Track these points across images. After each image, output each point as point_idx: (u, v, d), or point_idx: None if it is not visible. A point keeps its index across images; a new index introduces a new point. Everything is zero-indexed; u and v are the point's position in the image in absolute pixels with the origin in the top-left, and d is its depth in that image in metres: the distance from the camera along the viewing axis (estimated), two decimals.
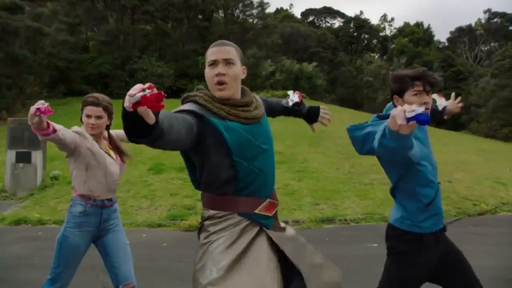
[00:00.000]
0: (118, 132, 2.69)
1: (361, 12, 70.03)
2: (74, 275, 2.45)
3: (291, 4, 69.33)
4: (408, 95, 1.90)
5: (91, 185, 2.36)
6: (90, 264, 2.71)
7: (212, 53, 1.63)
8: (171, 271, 3.86)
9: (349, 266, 3.98)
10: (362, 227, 5.67)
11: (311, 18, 45.44)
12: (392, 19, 56.52)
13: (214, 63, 1.61)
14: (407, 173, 1.87)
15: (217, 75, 1.59)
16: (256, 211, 1.60)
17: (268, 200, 1.65)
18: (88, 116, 2.39)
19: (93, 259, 2.65)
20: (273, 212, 1.68)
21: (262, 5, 30.95)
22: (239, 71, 1.64)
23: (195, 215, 5.83)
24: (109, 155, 2.46)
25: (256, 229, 1.60)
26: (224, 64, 1.61)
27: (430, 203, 1.90)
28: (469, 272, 1.95)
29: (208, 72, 1.63)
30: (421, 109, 1.28)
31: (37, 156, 6.95)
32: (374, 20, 71.38)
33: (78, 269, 2.49)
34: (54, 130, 2.13)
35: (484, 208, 6.64)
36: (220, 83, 1.59)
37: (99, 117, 2.39)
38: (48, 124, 2.09)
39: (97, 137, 2.46)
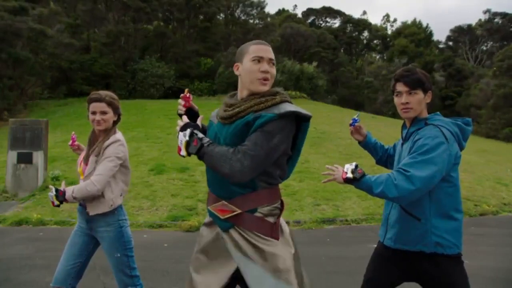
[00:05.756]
0: None
1: (364, 12, 70.04)
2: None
3: (295, 5, 69.17)
4: (394, 96, 2.01)
5: None
6: (91, 264, 2.72)
7: (259, 50, 1.70)
8: (172, 272, 3.86)
9: (350, 266, 3.98)
10: (363, 228, 5.68)
11: (311, 19, 45.35)
12: (395, 20, 56.15)
13: (259, 60, 1.69)
14: None
15: (263, 71, 1.68)
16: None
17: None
18: (94, 113, 2.43)
19: (93, 259, 2.65)
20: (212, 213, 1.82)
21: (260, 4, 30.86)
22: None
23: (196, 215, 5.84)
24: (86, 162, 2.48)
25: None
26: (269, 62, 1.71)
27: (384, 208, 2.10)
28: None
29: (252, 66, 1.69)
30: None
31: (38, 157, 6.95)
32: (377, 21, 71.39)
33: None
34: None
35: (486, 209, 6.64)
36: (265, 79, 1.69)
37: (104, 113, 2.42)
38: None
39: (103, 134, 2.46)
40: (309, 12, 45.49)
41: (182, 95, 1.88)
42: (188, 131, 1.64)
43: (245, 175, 1.58)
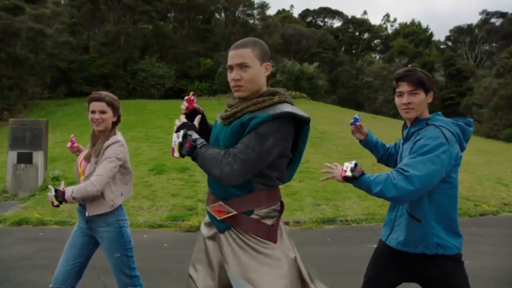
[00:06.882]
0: None
1: (365, 12, 70.05)
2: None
3: (292, 5, 69.14)
4: (395, 96, 1.99)
5: None
6: (91, 264, 2.72)
7: (229, 58, 1.68)
8: (172, 272, 3.86)
9: (350, 266, 3.98)
10: (363, 228, 5.68)
11: (309, 19, 45.24)
12: (395, 20, 56.13)
13: (230, 68, 1.68)
14: None
15: (232, 80, 1.67)
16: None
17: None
18: (93, 112, 2.45)
19: (93, 259, 2.65)
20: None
21: (262, 6, 30.93)
22: (255, 72, 1.66)
23: (196, 215, 5.84)
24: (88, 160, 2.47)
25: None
26: (239, 68, 1.65)
27: (389, 209, 2.07)
28: None
29: (228, 76, 1.70)
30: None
31: (38, 157, 6.95)
32: (377, 21, 71.37)
33: None
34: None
35: (486, 209, 6.64)
36: (237, 86, 1.66)
37: (103, 112, 2.44)
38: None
39: (103, 135, 2.48)
40: (307, 13, 45.43)
41: (186, 97, 1.88)
42: (181, 132, 1.62)
43: (235, 179, 1.55)
